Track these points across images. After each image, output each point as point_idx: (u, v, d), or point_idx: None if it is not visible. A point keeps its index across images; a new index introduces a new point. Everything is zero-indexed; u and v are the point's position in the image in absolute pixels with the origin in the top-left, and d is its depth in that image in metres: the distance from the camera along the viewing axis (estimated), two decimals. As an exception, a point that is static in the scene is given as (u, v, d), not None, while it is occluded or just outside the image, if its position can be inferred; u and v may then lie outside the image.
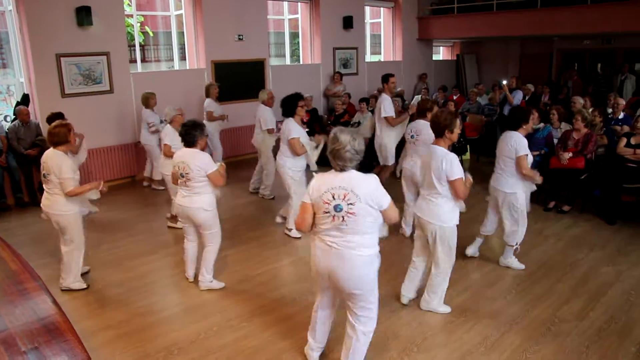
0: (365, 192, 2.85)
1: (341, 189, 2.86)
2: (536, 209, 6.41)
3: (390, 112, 6.54)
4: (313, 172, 3.15)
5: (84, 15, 7.52)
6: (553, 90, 10.98)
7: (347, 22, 11.56)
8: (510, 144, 4.64)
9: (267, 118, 7.15)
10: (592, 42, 13.15)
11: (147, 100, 7.61)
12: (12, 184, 7.19)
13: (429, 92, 12.31)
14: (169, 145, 5.84)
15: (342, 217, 2.86)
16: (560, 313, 4.12)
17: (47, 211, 4.43)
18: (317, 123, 9.60)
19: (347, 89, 11.09)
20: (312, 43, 11.42)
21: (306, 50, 11.54)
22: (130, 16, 9.62)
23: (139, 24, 10.79)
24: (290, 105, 5.58)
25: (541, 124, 7.15)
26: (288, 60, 12.03)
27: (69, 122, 4.47)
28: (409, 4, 13.19)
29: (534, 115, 6.88)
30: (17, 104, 7.45)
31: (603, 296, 4.39)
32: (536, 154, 6.83)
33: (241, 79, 9.69)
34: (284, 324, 4.04)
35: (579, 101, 7.56)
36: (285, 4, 11.41)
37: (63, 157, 4.31)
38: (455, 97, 11.54)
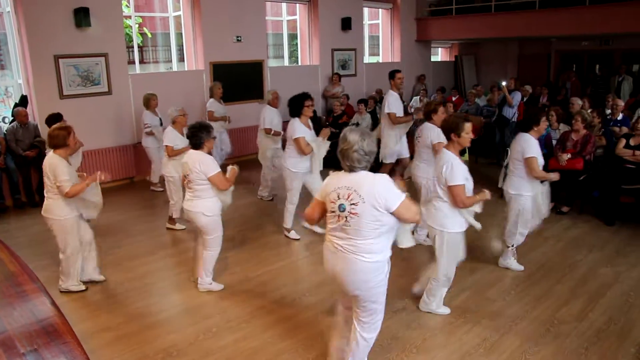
0: (369, 192, 2.78)
1: (346, 189, 2.84)
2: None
3: (393, 109, 6.44)
4: (330, 172, 3.08)
5: (82, 16, 7.51)
6: (551, 92, 11.01)
7: (346, 24, 11.57)
8: (519, 146, 4.61)
9: (267, 118, 7.09)
10: (590, 44, 13.19)
11: (148, 101, 7.60)
12: (10, 186, 7.18)
13: (427, 94, 12.32)
14: (171, 146, 5.82)
15: (345, 217, 2.84)
16: (560, 314, 4.12)
17: (44, 215, 4.36)
18: (315, 124, 9.57)
19: (345, 90, 11.10)
20: (310, 44, 11.43)
21: (304, 52, 11.55)
22: (128, 17, 9.61)
23: (137, 25, 10.77)
24: (296, 105, 5.51)
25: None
26: (286, 62, 12.05)
27: (69, 125, 4.36)
28: (407, 5, 13.21)
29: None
30: (16, 105, 7.44)
31: (602, 297, 4.39)
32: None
33: (240, 80, 9.69)
34: (283, 324, 4.03)
35: (578, 102, 7.57)
36: (284, 5, 11.42)
37: (58, 160, 4.21)
38: (454, 99, 11.54)
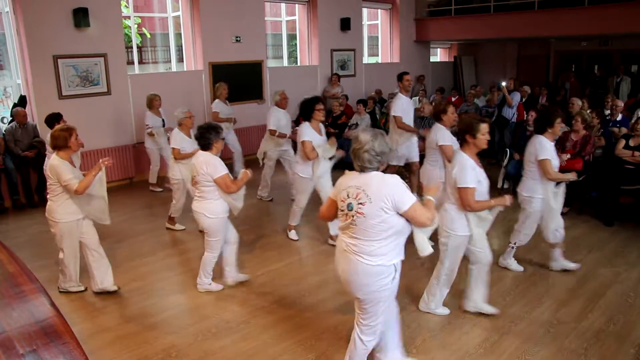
0: (377, 193, 2.75)
1: (355, 188, 2.83)
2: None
3: (399, 112, 6.35)
4: (346, 171, 3.04)
5: (81, 16, 7.50)
6: (550, 92, 11.02)
7: (345, 24, 11.57)
8: (532, 148, 4.55)
9: (273, 119, 6.92)
10: (589, 44, 13.19)
11: (151, 102, 7.56)
12: (9, 186, 7.17)
13: (426, 94, 12.32)
14: (177, 149, 5.75)
15: (352, 217, 2.83)
16: (559, 315, 4.12)
17: (46, 215, 4.33)
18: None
19: (344, 91, 11.09)
20: (309, 45, 11.43)
21: (304, 52, 11.55)
22: (127, 18, 9.61)
23: (136, 26, 10.77)
24: (307, 109, 5.37)
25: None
26: (286, 62, 12.04)
27: (71, 126, 4.26)
28: (406, 6, 13.21)
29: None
30: (14, 105, 7.44)
31: (601, 298, 4.39)
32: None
33: (239, 80, 9.66)
34: (283, 325, 4.03)
35: (577, 103, 7.57)
36: (283, 5, 11.42)
37: (58, 161, 4.13)
38: (453, 99, 11.54)
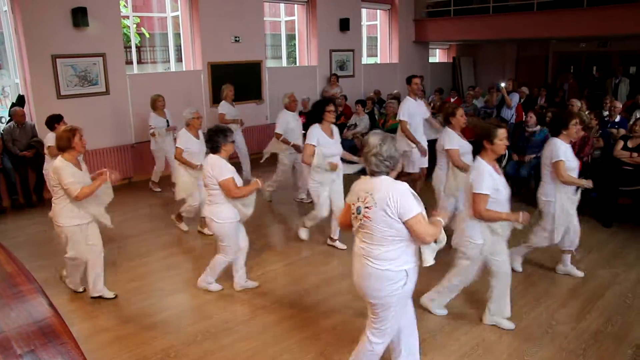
0: (382, 197, 2.74)
1: (364, 192, 2.84)
2: (532, 211, 6.39)
3: (404, 117, 6.29)
4: (362, 176, 3.02)
5: (79, 16, 7.49)
6: (549, 93, 11.03)
7: (344, 24, 11.57)
8: (547, 151, 4.49)
9: (281, 122, 6.81)
10: (588, 45, 13.20)
11: (154, 102, 7.50)
12: (7, 186, 7.15)
13: (425, 95, 12.31)
14: (181, 148, 5.68)
15: (361, 220, 2.84)
16: (558, 315, 4.12)
17: (51, 216, 4.27)
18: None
19: (343, 91, 11.09)
20: (308, 45, 11.42)
21: (303, 52, 11.55)
22: (126, 17, 9.59)
23: (135, 25, 10.76)
24: (317, 111, 5.26)
25: (537, 126, 7.19)
26: (285, 62, 12.04)
27: (75, 127, 4.14)
28: (405, 7, 13.22)
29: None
30: (13, 105, 7.43)
31: (600, 299, 4.40)
32: (533, 156, 6.87)
33: (238, 80, 9.60)
34: (282, 325, 4.03)
35: (576, 104, 7.57)
36: (282, 5, 11.41)
37: (61, 163, 4.04)
38: (452, 100, 11.55)
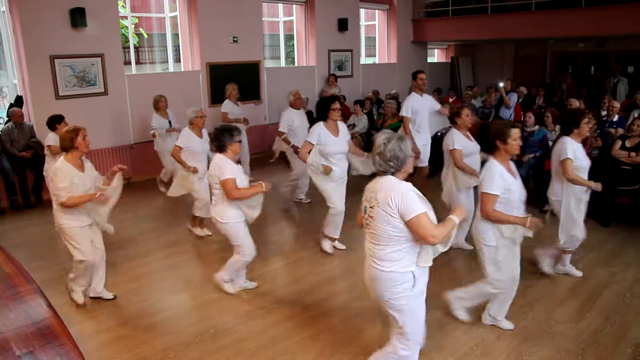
0: (384, 197, 2.73)
1: (370, 192, 2.86)
2: (530, 211, 6.39)
3: (405, 112, 6.28)
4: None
5: (78, 16, 7.49)
6: (548, 93, 11.03)
7: (342, 25, 11.57)
8: (556, 149, 4.46)
9: (285, 120, 6.80)
10: (585, 45, 13.22)
11: (157, 102, 7.45)
12: (6, 186, 7.14)
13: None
14: (179, 147, 5.62)
15: (366, 220, 2.87)
16: (556, 315, 4.13)
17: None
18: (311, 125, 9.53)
19: (342, 91, 11.09)
20: (307, 45, 11.42)
21: (301, 53, 11.54)
22: (124, 18, 9.59)
23: (133, 26, 10.75)
24: (322, 109, 5.13)
25: (536, 126, 7.20)
26: (283, 63, 12.04)
27: (78, 127, 4.02)
28: (403, 7, 13.22)
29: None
30: (11, 105, 7.42)
31: (598, 298, 4.41)
32: (531, 156, 6.88)
33: (236, 81, 9.64)
34: (281, 325, 4.03)
35: (575, 104, 7.57)
36: (280, 6, 11.41)
37: (62, 164, 3.95)
38: (451, 100, 11.55)
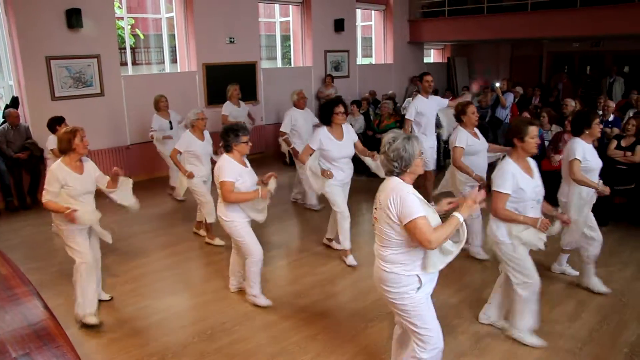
0: (384, 198, 2.73)
1: (378, 193, 2.85)
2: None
3: (410, 115, 6.28)
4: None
5: (74, 17, 7.47)
6: (543, 93, 11.07)
7: (339, 25, 11.58)
8: (566, 151, 4.37)
9: (287, 120, 6.65)
10: (581, 45, 13.27)
11: (157, 103, 7.37)
12: (1, 188, 7.11)
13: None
14: (177, 150, 5.49)
15: (373, 220, 2.89)
16: (553, 314, 4.14)
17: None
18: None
19: (338, 92, 11.09)
20: (303, 46, 11.42)
21: (297, 53, 11.55)
22: (120, 19, 9.57)
23: (129, 27, 10.73)
24: (325, 113, 4.91)
25: (532, 126, 7.21)
26: (279, 63, 12.05)
27: (75, 128, 3.93)
28: (399, 7, 13.24)
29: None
30: (7, 107, 7.40)
31: (595, 297, 4.41)
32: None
33: (232, 81, 9.57)
34: (278, 326, 4.03)
35: (571, 103, 7.60)
36: (277, 6, 11.41)
37: (57, 167, 3.88)
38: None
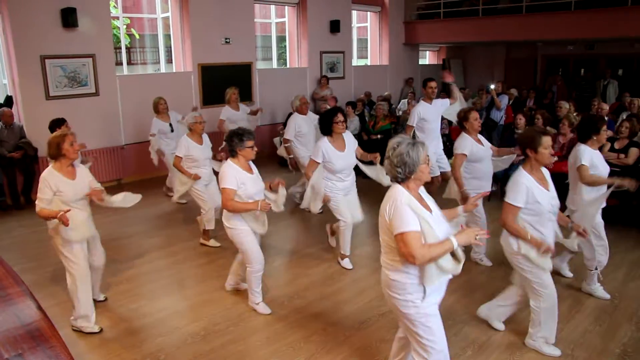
0: (383, 206, 2.71)
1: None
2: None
3: (411, 121, 6.17)
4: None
5: (69, 16, 7.45)
6: (538, 95, 11.12)
7: (334, 26, 11.60)
8: (572, 158, 4.25)
9: (291, 127, 6.51)
10: (575, 48, 13.35)
11: (156, 106, 7.19)
12: (-5, 187, 7.09)
13: (415, 96, 12.36)
14: (180, 157, 5.38)
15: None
16: (546, 315, 4.15)
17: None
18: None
19: (333, 93, 11.12)
20: (299, 47, 11.44)
21: (293, 54, 11.56)
22: (116, 18, 9.55)
23: (125, 26, 10.71)
24: (324, 123, 4.79)
25: (527, 128, 7.24)
26: (275, 64, 12.04)
27: (64, 133, 3.78)
28: (395, 9, 13.28)
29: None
30: (0, 105, 7.35)
31: (588, 298, 4.45)
32: (522, 158, 6.91)
33: (228, 82, 9.57)
34: (272, 327, 4.03)
35: (565, 106, 7.64)
36: (273, 7, 11.42)
37: (48, 174, 3.73)
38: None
